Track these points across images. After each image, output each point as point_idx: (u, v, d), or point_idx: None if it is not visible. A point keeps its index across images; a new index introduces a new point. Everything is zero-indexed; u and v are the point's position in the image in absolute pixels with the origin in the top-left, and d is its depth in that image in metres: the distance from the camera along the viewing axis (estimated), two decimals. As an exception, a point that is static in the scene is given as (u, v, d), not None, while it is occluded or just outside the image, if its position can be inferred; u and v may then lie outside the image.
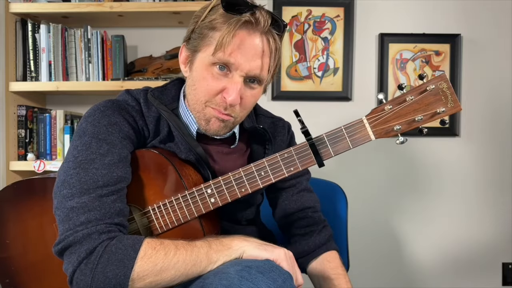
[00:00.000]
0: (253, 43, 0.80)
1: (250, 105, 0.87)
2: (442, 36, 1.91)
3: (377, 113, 0.81)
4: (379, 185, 1.95)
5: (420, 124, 0.80)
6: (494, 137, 1.94)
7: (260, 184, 0.83)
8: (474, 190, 1.95)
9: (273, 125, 1.04)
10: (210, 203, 0.83)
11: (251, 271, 0.69)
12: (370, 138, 0.81)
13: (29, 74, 1.77)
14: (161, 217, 0.84)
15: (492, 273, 1.94)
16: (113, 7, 1.71)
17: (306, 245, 1.01)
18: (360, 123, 0.81)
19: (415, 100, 0.79)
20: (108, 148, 0.78)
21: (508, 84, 1.93)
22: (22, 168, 1.75)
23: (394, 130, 0.80)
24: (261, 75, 0.83)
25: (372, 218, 1.95)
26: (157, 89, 0.93)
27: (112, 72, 1.79)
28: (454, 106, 0.79)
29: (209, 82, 0.82)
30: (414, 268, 1.96)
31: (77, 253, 0.71)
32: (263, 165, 0.83)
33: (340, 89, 1.93)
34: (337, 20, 1.93)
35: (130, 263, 0.70)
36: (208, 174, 0.89)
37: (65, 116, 1.80)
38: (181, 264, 0.72)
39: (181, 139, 0.88)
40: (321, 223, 1.04)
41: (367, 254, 1.94)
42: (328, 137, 0.82)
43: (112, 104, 0.85)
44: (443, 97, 0.79)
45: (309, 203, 1.04)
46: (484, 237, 1.94)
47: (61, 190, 0.76)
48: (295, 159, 0.82)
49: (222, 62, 0.80)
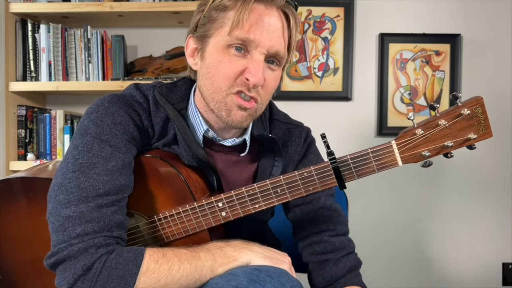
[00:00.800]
0: (272, 18, 0.74)
1: (272, 89, 0.79)
2: (442, 36, 1.91)
3: (408, 138, 0.75)
4: (380, 185, 1.95)
5: (449, 150, 0.75)
6: (494, 137, 1.92)
7: (275, 202, 0.78)
8: (474, 190, 1.95)
9: (288, 133, 0.93)
10: (221, 217, 0.79)
11: (260, 274, 0.67)
12: (397, 164, 0.77)
13: (29, 74, 1.77)
14: (168, 227, 0.80)
15: (492, 273, 1.94)
16: (113, 7, 1.71)
17: (320, 276, 0.87)
18: (389, 147, 0.76)
19: (448, 125, 0.73)
20: (112, 152, 0.72)
21: (508, 84, 1.93)
22: (22, 168, 1.74)
23: (422, 156, 0.75)
24: (282, 52, 0.76)
25: (373, 219, 1.95)
26: (166, 86, 0.84)
27: (112, 72, 1.79)
28: (486, 133, 0.74)
29: (227, 65, 0.74)
30: (414, 268, 1.96)
31: (72, 269, 0.65)
32: (279, 183, 0.77)
33: (340, 89, 1.93)
34: (337, 20, 1.93)
35: (132, 279, 0.65)
36: (213, 178, 0.83)
37: (65, 116, 1.80)
38: (185, 279, 0.69)
39: (184, 143, 0.81)
40: (341, 251, 0.89)
41: (367, 254, 1.94)
42: (352, 160, 0.76)
43: (118, 99, 0.77)
44: (476, 122, 0.73)
45: (326, 225, 0.90)
46: (484, 237, 1.94)
47: (58, 195, 0.69)
48: (315, 179, 0.76)
49: (241, 40, 0.73)
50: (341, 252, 0.89)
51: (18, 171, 1.76)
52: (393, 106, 1.93)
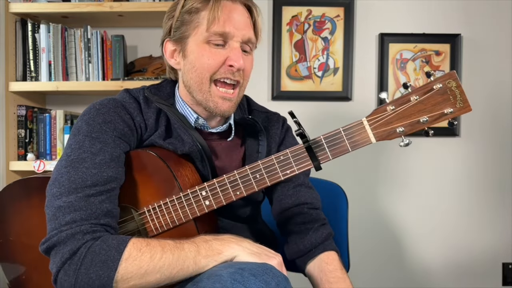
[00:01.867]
0: (240, 11, 0.86)
1: (249, 70, 0.91)
2: (442, 36, 1.91)
3: (379, 114, 0.76)
4: (380, 185, 1.95)
5: (426, 126, 0.74)
6: (494, 137, 1.94)
7: (255, 187, 0.80)
8: (474, 190, 1.95)
9: (267, 119, 1.03)
10: (204, 205, 0.81)
11: (244, 274, 0.67)
12: (370, 141, 0.76)
13: (29, 74, 1.77)
14: (156, 218, 0.83)
15: (492, 273, 1.94)
16: (113, 7, 1.71)
17: (301, 244, 0.95)
18: (359, 124, 0.77)
19: (420, 100, 0.73)
20: (101, 147, 0.78)
21: (508, 84, 1.93)
22: (22, 168, 1.75)
23: (396, 132, 0.75)
24: (253, 38, 0.88)
25: (373, 218, 1.95)
26: (153, 87, 0.95)
27: (112, 72, 1.79)
28: (464, 107, 0.73)
29: (209, 57, 0.85)
30: (415, 268, 1.96)
31: (60, 253, 0.71)
32: (258, 168, 0.80)
33: (340, 89, 1.93)
34: (337, 20, 1.93)
35: (114, 264, 0.69)
36: (208, 170, 0.89)
37: (65, 116, 1.80)
38: (167, 268, 0.71)
39: (184, 130, 0.88)
40: (319, 221, 0.98)
41: (367, 254, 1.94)
42: (326, 140, 0.78)
43: (108, 102, 0.85)
44: (452, 96, 0.73)
45: (305, 199, 0.99)
46: (484, 237, 1.94)
47: (52, 189, 0.76)
48: (291, 162, 0.79)
49: (218, 34, 0.84)
50: (318, 222, 0.97)
51: (18, 171, 1.77)
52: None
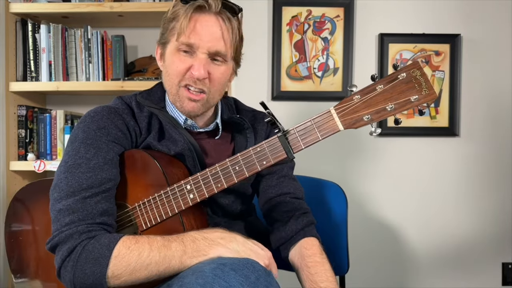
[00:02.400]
0: (208, 23, 0.88)
1: (219, 81, 0.93)
2: (442, 36, 1.91)
3: (345, 103, 0.79)
4: (379, 185, 1.95)
5: (393, 113, 0.77)
6: (494, 137, 1.94)
7: (235, 179, 0.84)
8: (474, 190, 1.95)
9: (254, 118, 1.08)
10: (189, 199, 0.85)
11: (225, 269, 0.70)
12: (338, 129, 0.80)
13: (29, 74, 1.77)
14: (146, 213, 0.87)
15: (492, 273, 1.94)
16: (113, 7, 1.71)
17: (283, 231, 0.98)
18: (327, 113, 0.80)
19: (385, 89, 0.77)
20: (95, 152, 0.84)
21: (508, 84, 1.93)
22: (22, 168, 1.75)
23: (363, 120, 0.78)
24: (222, 51, 0.89)
25: (372, 218, 1.95)
26: (145, 92, 1.00)
27: (112, 72, 1.79)
28: (429, 94, 0.76)
29: (177, 64, 0.90)
30: (415, 268, 1.96)
31: (61, 251, 0.78)
32: (237, 160, 0.84)
33: (340, 89, 1.93)
34: (337, 20, 1.93)
35: (105, 261, 0.75)
36: (199, 168, 0.93)
37: (65, 116, 1.80)
38: (154, 266, 0.75)
39: (176, 131, 0.94)
40: (301, 210, 1.01)
41: (367, 254, 1.94)
42: (297, 130, 0.82)
43: (102, 109, 0.90)
44: (417, 84, 0.76)
45: (288, 189, 1.03)
46: (484, 237, 1.94)
47: (53, 193, 0.83)
48: (267, 153, 0.83)
49: (185, 44, 0.88)
50: (300, 211, 1.01)
51: (18, 171, 1.77)
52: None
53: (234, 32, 0.91)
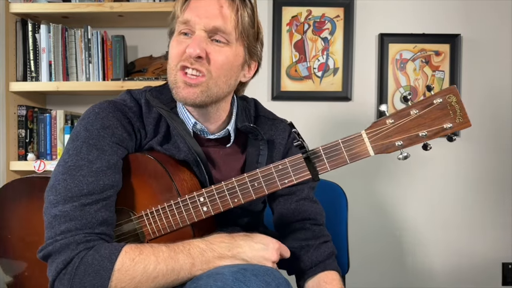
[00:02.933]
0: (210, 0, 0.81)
1: (221, 64, 0.82)
2: (442, 36, 1.92)
3: (378, 127, 0.75)
4: (379, 185, 1.95)
5: (425, 140, 0.74)
6: (494, 137, 1.94)
7: (253, 195, 0.80)
8: (474, 190, 1.95)
9: (273, 127, 0.99)
10: (202, 211, 0.81)
11: (246, 273, 0.69)
12: (368, 154, 0.76)
13: (29, 74, 1.77)
14: (154, 222, 0.82)
15: (492, 273, 1.94)
16: (113, 7, 1.71)
17: (302, 262, 0.92)
18: (359, 137, 0.76)
19: (419, 114, 0.73)
20: (98, 154, 0.77)
21: (508, 84, 1.93)
22: (22, 168, 1.75)
23: (395, 146, 0.75)
24: (221, 27, 0.80)
25: (373, 219, 1.95)
26: (156, 89, 0.92)
27: (112, 72, 1.79)
28: (463, 122, 0.73)
29: (175, 46, 0.83)
30: (414, 269, 1.96)
31: (55, 263, 0.71)
32: (256, 176, 0.79)
33: (340, 89, 1.93)
34: (337, 20, 1.93)
35: (107, 274, 0.69)
36: (205, 177, 0.87)
37: (65, 116, 1.80)
38: (161, 278, 0.72)
39: (180, 137, 0.86)
40: (321, 238, 0.94)
41: (367, 254, 1.94)
42: (324, 151, 0.78)
43: (108, 105, 0.83)
44: (451, 111, 0.73)
45: (308, 214, 0.96)
46: (484, 237, 1.94)
47: (49, 195, 0.76)
48: (289, 172, 0.78)
49: (182, 23, 0.82)
50: (321, 239, 0.94)
51: (18, 171, 1.77)
52: (393, 106, 1.93)
53: (239, 11, 0.82)
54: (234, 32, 0.82)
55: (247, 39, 0.85)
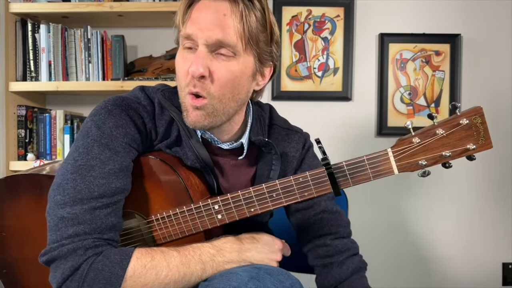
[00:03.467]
0: (208, 8, 0.74)
1: (224, 81, 0.75)
2: (442, 36, 1.91)
3: (404, 146, 0.75)
4: (380, 186, 1.95)
5: (447, 160, 0.74)
6: (494, 137, 1.90)
7: (270, 206, 0.78)
8: (474, 190, 1.95)
9: (287, 138, 0.94)
10: (217, 219, 0.80)
11: (260, 272, 0.70)
12: (393, 172, 0.75)
13: (29, 74, 1.77)
14: (165, 228, 0.81)
15: (492, 273, 1.94)
16: (113, 7, 1.71)
17: (325, 280, 0.89)
18: (384, 155, 0.75)
19: (446, 135, 0.73)
20: (110, 155, 0.73)
21: (508, 84, 1.93)
22: (22, 168, 1.75)
23: (418, 165, 0.75)
24: (225, 40, 0.73)
25: (373, 219, 1.95)
26: (169, 90, 0.86)
27: (112, 72, 1.79)
28: (486, 143, 0.73)
29: (180, 64, 0.77)
30: (415, 268, 1.96)
31: (61, 268, 0.67)
32: (275, 187, 0.78)
33: (340, 89, 1.93)
34: (337, 20, 1.93)
35: (118, 281, 0.67)
36: (213, 182, 0.85)
37: (65, 116, 1.80)
38: (173, 285, 0.71)
39: (189, 144, 0.82)
40: (345, 253, 0.91)
41: (367, 254, 1.93)
42: (348, 167, 0.76)
43: (121, 102, 0.78)
44: (475, 132, 0.73)
45: (328, 229, 0.92)
46: (484, 237, 1.94)
47: (55, 195, 0.71)
48: (310, 185, 0.77)
49: (184, 37, 0.75)
50: (345, 254, 0.90)
51: (18, 171, 1.77)
52: (393, 106, 1.93)
53: (245, 17, 0.74)
54: (240, 42, 0.74)
55: (257, 46, 0.77)
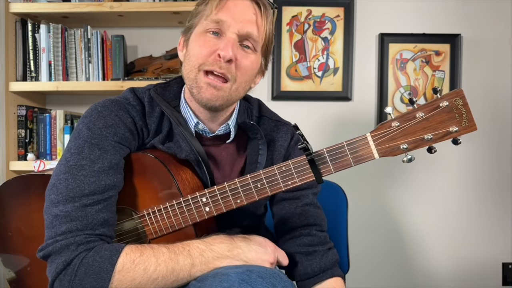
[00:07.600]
0: (245, 5, 0.82)
1: (247, 71, 0.84)
2: (442, 36, 1.91)
3: (383, 130, 0.74)
4: (379, 186, 1.95)
5: (430, 144, 0.74)
6: (493, 137, 1.94)
7: (256, 197, 0.80)
8: (474, 190, 1.95)
9: (276, 129, 0.98)
10: (204, 212, 0.81)
11: (252, 275, 0.69)
12: (373, 157, 0.75)
13: (29, 74, 1.77)
14: (156, 222, 0.83)
15: (492, 273, 1.94)
16: (113, 7, 1.71)
17: (309, 267, 0.92)
18: (363, 139, 0.75)
19: (425, 117, 0.73)
20: (100, 154, 0.77)
21: (508, 84, 1.93)
22: (22, 168, 1.75)
23: (400, 149, 0.74)
24: (254, 34, 0.82)
25: (372, 219, 1.95)
26: (160, 85, 0.91)
27: (112, 72, 1.79)
28: (469, 126, 0.72)
29: (202, 45, 0.82)
30: (414, 268, 1.96)
31: (55, 263, 0.71)
32: (259, 177, 0.79)
33: (340, 89, 1.93)
34: (337, 20, 1.93)
35: (107, 276, 0.70)
36: (207, 177, 0.87)
37: (65, 116, 1.80)
38: (161, 280, 0.72)
39: (182, 137, 0.86)
40: (327, 244, 0.95)
41: (367, 254, 1.94)
42: (328, 153, 0.77)
43: (111, 103, 0.83)
44: (457, 115, 0.72)
45: (314, 220, 0.96)
46: (484, 237, 1.94)
47: (50, 195, 0.76)
48: (293, 173, 0.78)
49: (214, 21, 0.80)
50: (326, 246, 0.95)
51: (18, 171, 1.77)
52: (393, 106, 1.92)
53: (268, 22, 0.84)
54: (262, 41, 0.84)
55: (267, 49, 0.88)
